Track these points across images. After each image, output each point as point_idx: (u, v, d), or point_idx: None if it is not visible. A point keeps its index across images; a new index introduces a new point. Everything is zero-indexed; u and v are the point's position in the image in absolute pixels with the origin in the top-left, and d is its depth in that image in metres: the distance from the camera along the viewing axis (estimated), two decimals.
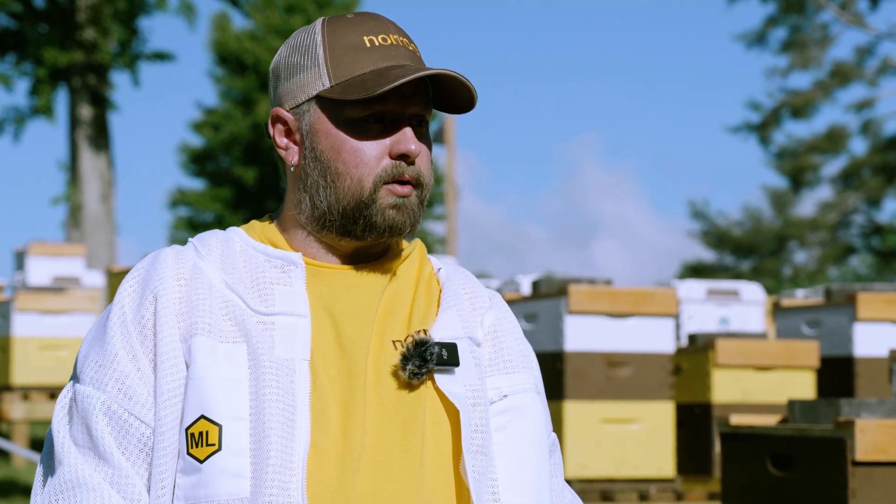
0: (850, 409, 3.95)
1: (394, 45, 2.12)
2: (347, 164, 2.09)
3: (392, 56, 2.10)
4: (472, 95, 2.10)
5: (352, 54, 2.10)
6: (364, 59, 2.10)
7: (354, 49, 2.10)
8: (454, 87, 2.11)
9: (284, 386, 2.01)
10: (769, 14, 33.44)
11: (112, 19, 20.85)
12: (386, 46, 2.11)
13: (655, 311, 6.06)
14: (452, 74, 2.07)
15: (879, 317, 6.72)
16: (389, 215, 2.09)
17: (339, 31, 2.12)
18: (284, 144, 2.15)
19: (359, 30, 2.12)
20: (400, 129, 2.10)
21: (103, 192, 21.23)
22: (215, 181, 30.78)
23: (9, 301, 9.76)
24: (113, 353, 2.05)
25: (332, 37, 2.12)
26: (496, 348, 2.17)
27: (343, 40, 2.11)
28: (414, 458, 2.04)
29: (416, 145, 2.09)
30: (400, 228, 2.10)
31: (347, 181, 2.09)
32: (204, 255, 2.11)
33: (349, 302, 2.10)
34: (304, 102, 2.12)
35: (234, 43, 29.65)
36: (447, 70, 2.07)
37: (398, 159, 2.09)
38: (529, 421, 2.14)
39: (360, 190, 2.08)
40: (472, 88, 2.10)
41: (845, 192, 34.13)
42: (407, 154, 2.09)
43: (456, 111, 2.16)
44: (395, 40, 2.13)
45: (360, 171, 2.08)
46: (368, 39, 2.11)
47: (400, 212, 2.09)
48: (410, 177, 2.10)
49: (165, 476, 2.01)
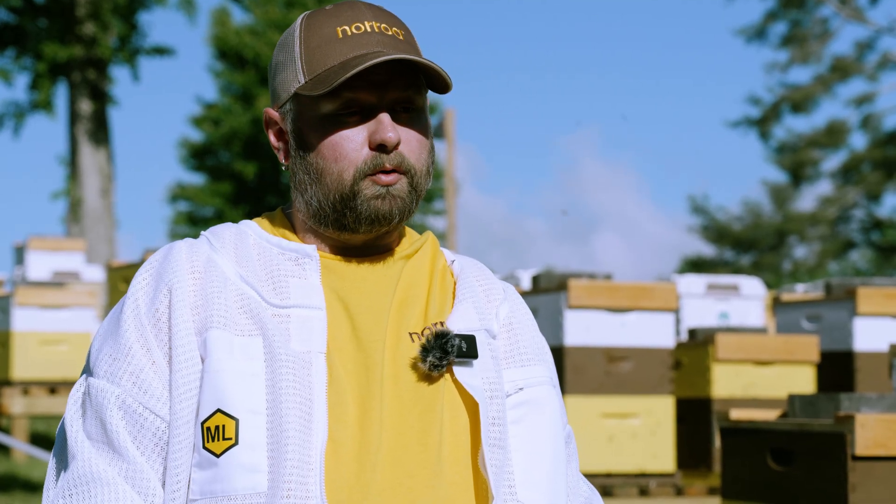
0: (850, 404, 3.95)
1: (367, 33, 2.07)
2: (327, 159, 2.06)
3: (363, 44, 2.07)
4: (444, 79, 2.06)
5: (323, 47, 2.07)
6: (334, 50, 2.07)
7: (327, 42, 2.08)
8: (425, 69, 2.07)
9: (301, 379, 2.00)
10: (769, 9, 33.43)
11: (112, 14, 20.84)
12: (358, 35, 2.07)
13: (655, 305, 6.05)
14: (409, 59, 2.03)
15: (879, 311, 6.72)
16: (374, 205, 2.06)
17: (314, 24, 2.10)
18: (277, 144, 2.15)
19: (333, 21, 2.09)
20: (376, 119, 2.06)
21: (103, 187, 21.22)
22: (215, 176, 30.77)
23: (8, 296, 9.76)
24: (127, 346, 2.03)
25: (307, 32, 2.10)
26: (511, 341, 2.16)
27: (318, 34, 2.09)
28: (432, 451, 2.03)
29: (393, 133, 2.05)
30: (388, 217, 2.07)
31: (328, 177, 2.06)
32: (218, 248, 2.09)
33: (363, 294, 2.09)
34: (286, 101, 2.11)
35: (233, 38, 29.64)
36: (404, 55, 2.02)
37: (377, 150, 2.06)
38: (546, 414, 2.13)
39: (342, 184, 2.06)
40: (439, 70, 2.04)
41: (845, 187, 34.12)
42: (384, 143, 2.05)
43: (441, 90, 2.10)
44: (371, 27, 2.08)
45: (340, 166, 2.06)
46: (341, 30, 2.08)
47: (385, 201, 2.06)
48: (392, 165, 2.06)
49: (181, 470, 2.00)
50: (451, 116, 15.78)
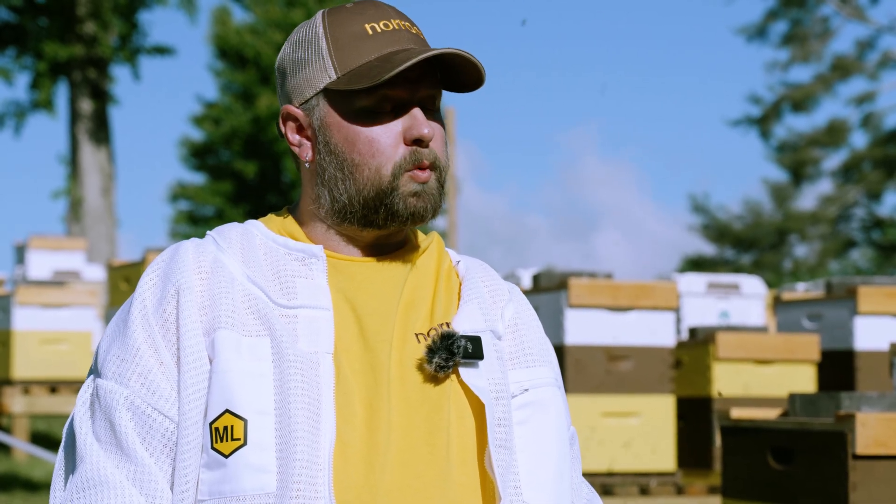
0: (850, 403, 3.95)
1: (396, 30, 2.11)
2: (363, 154, 2.08)
3: (395, 41, 2.10)
4: (480, 72, 2.09)
5: (355, 43, 2.09)
6: (368, 46, 2.09)
7: (357, 38, 2.10)
8: (461, 66, 2.10)
9: (309, 380, 2.00)
10: (770, 7, 33.47)
11: (112, 13, 20.84)
12: (388, 32, 2.10)
13: (656, 304, 6.06)
14: (458, 52, 2.06)
15: (880, 310, 6.72)
16: (411, 203, 2.09)
17: (339, 21, 2.12)
18: (297, 141, 2.14)
19: (359, 18, 2.11)
20: (410, 114, 2.09)
21: (104, 186, 21.22)
22: (216, 175, 30.78)
23: (9, 295, 9.76)
24: (135, 347, 2.03)
25: (333, 28, 2.11)
26: (517, 342, 2.17)
27: (345, 30, 2.11)
28: (440, 452, 2.04)
29: (428, 128, 2.08)
30: (422, 215, 2.10)
31: (366, 171, 2.08)
32: (224, 248, 2.10)
33: (370, 295, 2.10)
34: (312, 97, 2.12)
35: (234, 37, 29.64)
36: (452, 49, 2.06)
37: (413, 144, 2.08)
38: (551, 415, 2.14)
39: (380, 179, 2.08)
40: (479, 65, 2.08)
41: (846, 186, 34.11)
42: (421, 138, 2.08)
43: (464, 89, 2.14)
44: (397, 24, 2.12)
45: (378, 161, 2.08)
46: (370, 27, 2.10)
47: (420, 198, 2.09)
48: (429, 161, 2.09)
49: (189, 471, 2.00)
50: (452, 115, 15.78)
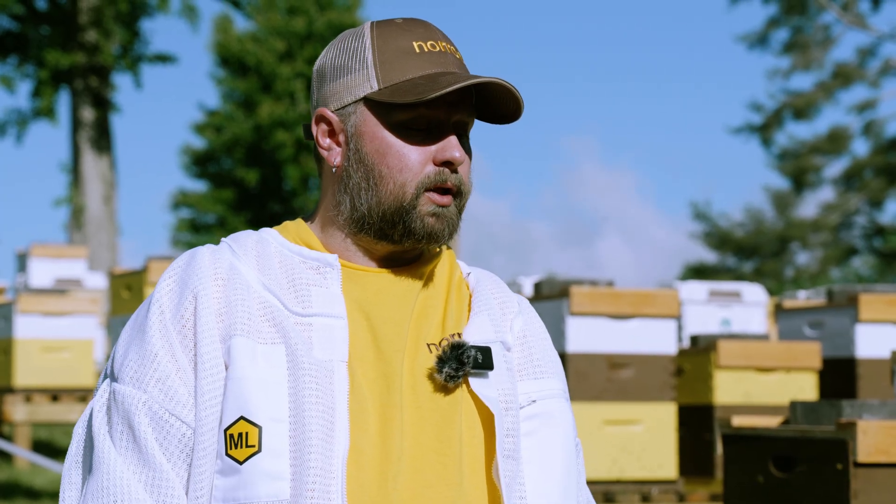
0: (851, 411, 3.95)
1: (442, 52, 2.13)
2: (391, 167, 2.09)
3: (441, 62, 2.12)
4: (519, 104, 2.11)
5: (401, 59, 2.11)
6: (413, 64, 2.11)
7: (404, 54, 2.11)
8: (500, 96, 2.12)
9: (324, 388, 2.01)
10: (771, 15, 33.46)
11: (114, 21, 20.87)
12: (435, 53, 2.12)
13: (657, 312, 6.06)
14: (503, 84, 2.08)
15: (881, 318, 6.72)
16: (428, 223, 2.10)
17: (388, 35, 2.13)
18: (327, 145, 2.15)
19: (408, 35, 2.13)
20: (444, 136, 2.11)
21: (105, 194, 21.24)
22: (217, 183, 30.79)
23: (11, 303, 9.76)
24: (153, 352, 2.04)
25: (381, 40, 2.13)
26: (526, 353, 2.19)
27: (392, 44, 2.12)
28: (451, 461, 2.06)
29: (460, 153, 2.10)
30: (438, 236, 2.11)
31: (390, 185, 2.09)
32: (240, 255, 2.11)
33: (384, 305, 2.11)
34: (350, 104, 2.13)
35: (235, 45, 29.67)
36: (499, 79, 2.08)
37: (442, 166, 2.10)
38: (559, 427, 2.15)
39: (402, 195, 2.09)
40: (520, 98, 2.11)
41: (847, 194, 34.12)
42: (451, 161, 2.09)
43: (499, 121, 2.16)
44: (444, 47, 2.14)
45: (404, 176, 2.09)
46: (418, 45, 2.12)
47: (439, 220, 2.10)
48: (453, 184, 2.10)
49: (204, 477, 2.01)
50: None
